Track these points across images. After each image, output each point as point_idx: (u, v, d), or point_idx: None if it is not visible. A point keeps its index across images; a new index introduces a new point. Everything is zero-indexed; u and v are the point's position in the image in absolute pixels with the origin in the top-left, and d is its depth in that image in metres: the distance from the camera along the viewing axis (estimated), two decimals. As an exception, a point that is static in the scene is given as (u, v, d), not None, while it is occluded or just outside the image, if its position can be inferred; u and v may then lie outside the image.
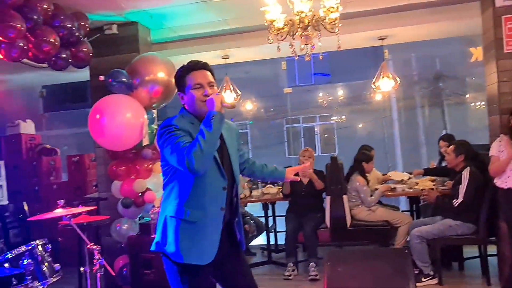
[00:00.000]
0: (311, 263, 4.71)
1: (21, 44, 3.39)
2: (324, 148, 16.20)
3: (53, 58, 3.82)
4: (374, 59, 10.60)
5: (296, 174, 2.68)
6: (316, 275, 4.58)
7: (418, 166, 5.78)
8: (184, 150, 1.98)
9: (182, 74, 2.23)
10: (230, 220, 2.28)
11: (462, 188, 4.15)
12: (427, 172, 5.39)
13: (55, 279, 2.97)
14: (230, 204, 2.27)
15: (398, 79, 5.76)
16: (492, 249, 4.33)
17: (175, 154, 2.02)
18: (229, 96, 5.93)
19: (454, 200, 4.19)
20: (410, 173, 5.39)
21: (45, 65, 3.98)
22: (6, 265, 2.72)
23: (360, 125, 15.63)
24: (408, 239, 4.53)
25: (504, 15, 4.15)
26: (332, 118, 16.07)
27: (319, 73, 16.00)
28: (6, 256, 2.78)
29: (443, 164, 5.14)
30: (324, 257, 4.02)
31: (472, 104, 14.17)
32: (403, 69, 13.58)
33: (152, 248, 2.24)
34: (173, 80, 4.37)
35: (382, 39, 5.61)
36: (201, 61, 2.25)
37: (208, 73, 2.23)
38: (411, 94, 14.64)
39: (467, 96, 14.17)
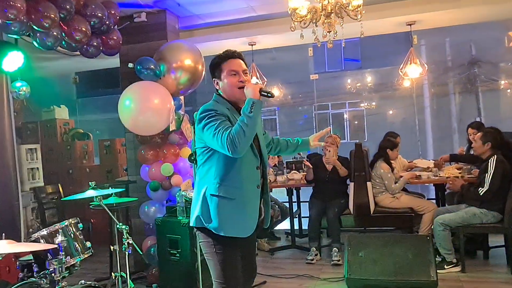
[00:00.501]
0: (334, 248, 4.77)
1: (55, 33, 3.55)
2: (353, 135, 16.02)
3: (85, 46, 3.98)
4: (406, 44, 10.37)
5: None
6: (338, 260, 4.65)
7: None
8: (228, 134, 2.12)
9: (219, 62, 2.39)
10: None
11: (488, 177, 4.10)
12: (454, 158, 5.32)
13: (86, 256, 3.14)
14: None
15: (426, 65, 5.68)
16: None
17: (218, 137, 2.15)
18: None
19: (480, 189, 4.15)
20: (436, 160, 5.33)
21: (77, 52, 4.15)
22: (42, 241, 2.91)
23: (390, 112, 15.35)
24: (432, 226, 4.52)
25: (537, -1, 4.04)
26: (362, 105, 15.85)
27: (350, 58, 15.76)
28: (42, 233, 2.97)
29: (472, 151, 5.07)
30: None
31: (509, 90, 13.69)
32: (436, 55, 13.22)
33: (193, 224, 2.39)
34: (199, 67, 4.46)
35: (410, 24, 5.52)
36: (236, 51, 2.41)
37: (242, 61, 2.39)
38: (444, 80, 14.23)
39: (503, 82, 13.69)
